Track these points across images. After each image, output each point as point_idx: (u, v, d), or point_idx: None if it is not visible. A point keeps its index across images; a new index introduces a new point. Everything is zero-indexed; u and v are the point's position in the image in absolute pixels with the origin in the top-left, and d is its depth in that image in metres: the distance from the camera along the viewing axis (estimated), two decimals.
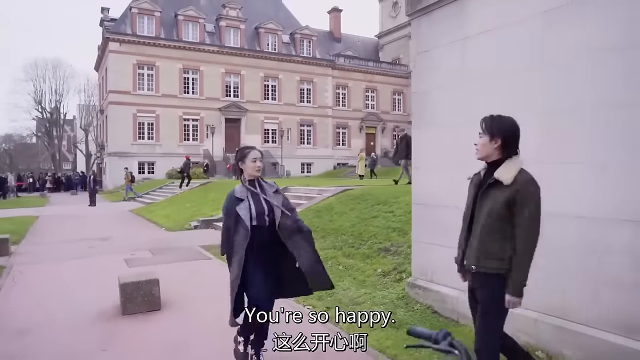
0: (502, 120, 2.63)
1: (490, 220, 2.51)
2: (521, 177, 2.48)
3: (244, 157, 3.50)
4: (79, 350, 4.05)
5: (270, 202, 3.45)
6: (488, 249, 2.53)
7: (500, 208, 2.48)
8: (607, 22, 3.28)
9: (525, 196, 2.44)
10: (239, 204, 3.40)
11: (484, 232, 2.54)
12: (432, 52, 4.78)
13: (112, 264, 7.50)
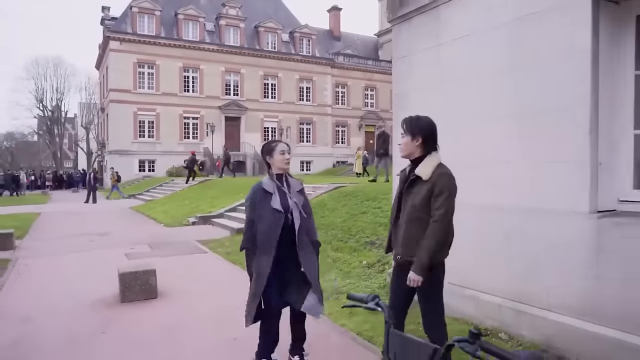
0: (421, 120, 2.94)
1: (414, 212, 2.81)
2: (437, 171, 2.79)
3: (271, 151, 3.42)
4: (80, 333, 4.39)
5: (293, 201, 3.36)
6: (410, 238, 2.81)
7: (422, 201, 2.78)
8: (564, 30, 3.60)
9: (440, 188, 2.74)
10: (270, 198, 3.31)
11: (409, 223, 2.83)
12: (410, 57, 5.10)
13: (112, 257, 7.84)
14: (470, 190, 4.42)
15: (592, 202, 3.48)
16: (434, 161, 2.84)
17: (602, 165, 3.53)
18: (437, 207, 2.73)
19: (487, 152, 4.27)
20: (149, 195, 22.93)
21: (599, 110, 3.49)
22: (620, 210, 3.55)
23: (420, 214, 2.80)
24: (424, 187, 2.79)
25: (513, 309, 4.03)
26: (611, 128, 3.54)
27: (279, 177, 3.42)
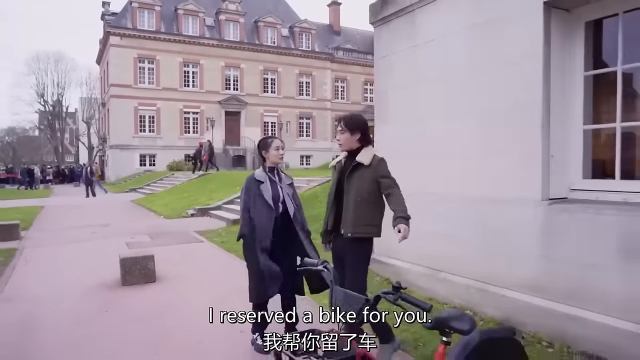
0: (359, 118, 3.39)
1: (361, 194, 3.25)
2: (375, 159, 3.29)
3: (267, 146, 3.71)
4: (85, 312, 4.81)
5: (285, 191, 3.70)
6: (360, 217, 3.25)
7: (368, 184, 3.24)
8: (518, 35, 3.97)
9: (383, 171, 3.26)
10: (260, 186, 3.63)
11: (357, 204, 3.25)
12: (390, 57, 5.47)
13: (113, 246, 8.25)
14: (442, 181, 4.83)
15: (544, 191, 3.87)
16: (371, 150, 3.34)
17: (554, 158, 3.91)
18: (390, 184, 3.23)
19: (454, 146, 4.65)
20: (150, 189, 23.35)
21: (551, 108, 3.87)
22: (571, 197, 3.95)
23: (365, 195, 3.25)
24: (367, 172, 3.25)
25: (478, 289, 4.42)
26: (563, 124, 3.92)
27: (271, 170, 3.75)
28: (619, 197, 3.62)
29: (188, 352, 3.73)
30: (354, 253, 3.31)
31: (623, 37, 3.62)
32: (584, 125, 3.89)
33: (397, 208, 3.12)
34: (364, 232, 3.26)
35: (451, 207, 4.72)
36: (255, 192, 3.63)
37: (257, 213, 3.59)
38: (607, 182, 3.79)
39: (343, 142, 3.36)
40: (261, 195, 3.60)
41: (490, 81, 4.24)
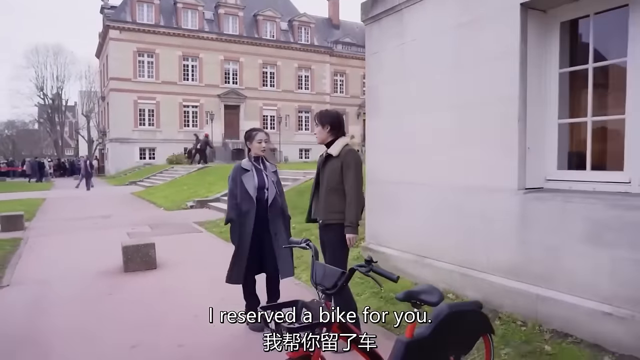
0: (329, 113, 3.69)
1: (331, 184, 3.52)
2: (344, 150, 3.53)
3: (251, 138, 4.00)
4: (90, 294, 5.09)
5: (270, 179, 4.00)
6: (330, 205, 3.51)
7: (336, 174, 3.50)
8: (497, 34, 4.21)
9: (348, 162, 3.48)
10: (245, 174, 3.93)
11: (327, 193, 3.53)
12: (380, 53, 5.71)
13: (115, 236, 8.51)
14: (428, 171, 5.08)
15: (520, 181, 4.12)
16: (342, 142, 3.59)
17: (530, 150, 4.16)
18: (350, 177, 3.47)
19: (439, 138, 4.90)
20: (149, 182, 23.61)
21: (528, 103, 4.11)
22: (547, 187, 4.20)
23: (334, 184, 3.52)
24: (336, 162, 3.53)
25: (460, 273, 4.69)
26: (539, 118, 4.17)
27: (256, 159, 4.05)
28: (589, 186, 3.87)
29: (186, 328, 4.00)
30: (329, 237, 3.59)
31: (594, 36, 3.86)
32: (559, 119, 4.14)
33: (347, 215, 3.44)
34: (334, 219, 3.52)
35: (436, 196, 4.98)
36: (241, 180, 3.91)
37: (242, 199, 3.89)
38: (578, 172, 4.04)
39: (317, 136, 3.68)
40: (247, 183, 3.89)
41: (472, 77, 4.48)
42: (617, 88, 3.82)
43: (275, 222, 3.99)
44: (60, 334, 4.00)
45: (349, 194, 3.47)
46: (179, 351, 3.57)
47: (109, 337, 3.89)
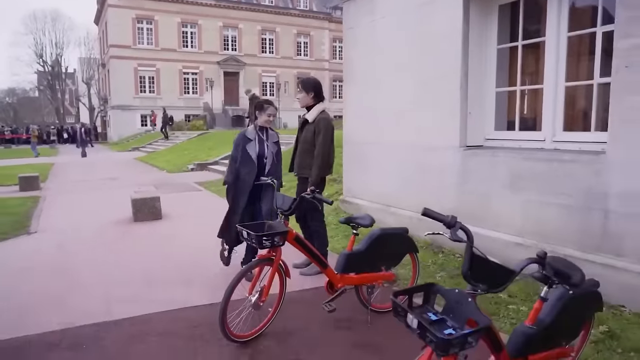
0: (311, 80, 4.44)
1: (305, 145, 4.28)
2: (320, 116, 4.26)
3: (261, 110, 4.25)
4: (107, 237, 6.04)
5: (270, 149, 4.24)
6: (303, 162, 4.30)
7: (310, 137, 4.24)
8: (446, 15, 4.95)
9: (320, 128, 4.20)
10: (248, 143, 4.16)
11: (302, 153, 4.30)
12: (355, 29, 6.44)
13: (123, 194, 9.42)
14: (392, 132, 5.91)
15: (462, 140, 4.96)
16: (319, 108, 4.31)
17: (471, 114, 4.98)
18: (319, 142, 4.19)
19: (400, 104, 5.70)
20: (151, 147, 24.43)
21: (469, 74, 4.90)
22: (486, 145, 5.04)
23: (308, 146, 4.28)
24: (311, 127, 4.27)
25: (417, 218, 5.57)
26: (479, 87, 4.96)
27: (261, 129, 4.31)
28: (517, 144, 4.71)
29: (188, 261, 4.94)
30: (302, 188, 4.30)
31: (524, 18, 4.61)
32: (496, 88, 4.94)
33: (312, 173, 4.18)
34: (305, 174, 4.30)
35: (398, 154, 5.83)
36: (244, 148, 4.22)
37: (242, 165, 4.20)
38: (510, 132, 4.88)
39: (301, 101, 4.35)
40: (247, 151, 4.20)
41: (428, 52, 5.25)
42: (540, 63, 4.60)
43: (266, 190, 4.28)
44: (86, 264, 4.94)
45: (316, 156, 4.16)
46: (182, 275, 4.52)
47: (125, 267, 4.83)
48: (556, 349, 2.32)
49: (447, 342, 1.63)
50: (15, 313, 3.68)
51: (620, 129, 3.49)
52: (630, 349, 2.98)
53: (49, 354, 3.01)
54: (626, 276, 3.47)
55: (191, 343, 3.14)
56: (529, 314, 2.22)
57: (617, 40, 3.44)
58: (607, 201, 3.60)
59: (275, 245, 3.08)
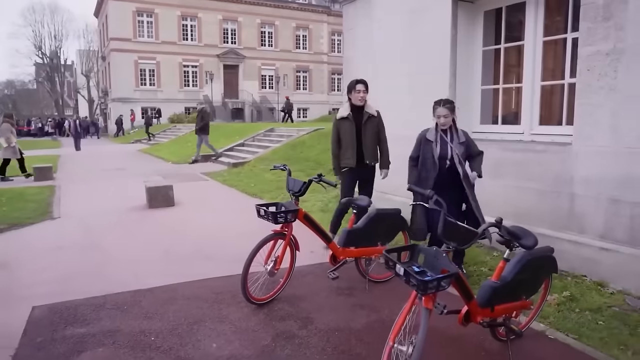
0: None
1: (373, 136, 4.95)
2: (378, 112, 4.93)
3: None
4: (127, 221, 6.60)
5: (454, 151, 4.01)
6: (375, 151, 5.02)
7: (375, 130, 4.96)
8: (435, 20, 5.48)
9: (382, 122, 5.02)
10: (430, 144, 4.10)
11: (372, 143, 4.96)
12: (354, 30, 6.96)
13: (133, 183, 9.96)
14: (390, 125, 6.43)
15: None
16: (374, 105, 5.00)
17: (459, 109, 5.50)
18: (383, 134, 5.05)
19: (397, 99, 6.23)
20: (154, 139, 24.89)
21: (457, 74, 5.43)
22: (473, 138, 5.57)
23: (376, 137, 4.99)
24: (375, 121, 4.96)
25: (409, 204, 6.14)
26: (467, 85, 5.51)
27: (444, 131, 4.10)
28: (499, 137, 5.26)
29: (203, 241, 5.50)
30: (371, 173, 5.10)
31: (506, 23, 5.15)
32: (482, 86, 5.48)
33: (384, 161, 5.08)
34: (376, 161, 5.06)
35: (395, 145, 6.36)
36: (424, 150, 4.16)
37: (422, 168, 4.21)
38: (494, 126, 5.43)
39: (362, 98, 4.86)
40: (428, 153, 4.10)
41: (420, 52, 5.78)
42: (520, 63, 5.14)
43: (470, 190, 4.07)
44: (113, 244, 5.49)
45: (384, 146, 5.05)
46: (201, 253, 5.08)
47: (148, 246, 5.39)
48: (517, 302, 2.89)
49: (425, 283, 2.19)
50: (61, 282, 4.23)
51: (582, 124, 4.04)
52: (586, 309, 3.56)
53: (98, 312, 3.57)
54: (587, 250, 4.04)
55: (216, 305, 3.71)
56: (494, 272, 2.77)
57: (581, 47, 3.99)
58: (572, 186, 4.16)
59: (288, 221, 3.64)
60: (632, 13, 3.62)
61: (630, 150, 3.72)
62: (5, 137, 11.00)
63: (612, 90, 3.78)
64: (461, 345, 3.06)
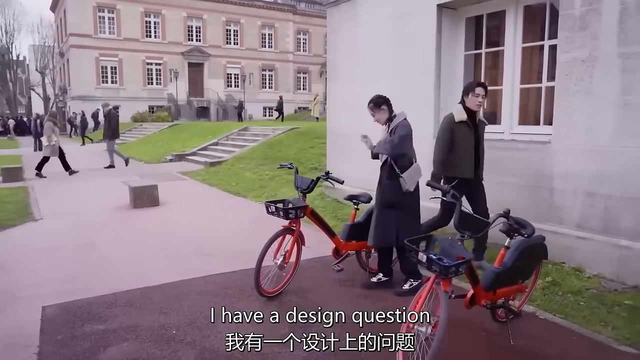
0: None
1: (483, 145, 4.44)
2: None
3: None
4: (114, 221, 6.59)
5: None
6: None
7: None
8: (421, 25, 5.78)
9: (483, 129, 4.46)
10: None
11: (483, 152, 4.42)
12: (338, 32, 7.19)
13: (111, 184, 9.83)
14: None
15: (435, 132, 5.81)
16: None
17: (443, 110, 5.84)
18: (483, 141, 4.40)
19: None
20: (120, 139, 24.22)
21: (442, 76, 5.76)
22: None
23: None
24: (483, 128, 4.44)
25: None
26: (450, 87, 5.83)
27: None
28: None
29: (199, 237, 5.60)
30: (481, 186, 4.49)
31: (487, 29, 5.50)
32: None
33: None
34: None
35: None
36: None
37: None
38: None
39: (482, 104, 4.35)
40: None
41: (406, 55, 6.07)
42: (500, 67, 5.51)
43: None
44: (107, 243, 5.51)
45: (482, 157, 4.36)
46: (200, 250, 5.19)
47: (145, 244, 5.44)
48: (515, 285, 3.20)
49: (446, 268, 2.45)
50: (65, 282, 4.26)
51: (560, 124, 4.43)
52: (568, 292, 3.93)
53: (112, 310, 3.64)
54: (566, 239, 4.43)
55: (227, 299, 3.86)
56: (496, 259, 3.09)
57: (559, 54, 4.37)
58: (552, 181, 4.55)
59: (297, 217, 3.83)
60: (606, 24, 4.02)
61: (603, 148, 4.13)
62: (47, 135, 11.47)
63: (588, 94, 4.17)
64: (464, 327, 3.34)
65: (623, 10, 3.91)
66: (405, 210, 4.01)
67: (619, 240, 4.10)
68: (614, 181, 4.09)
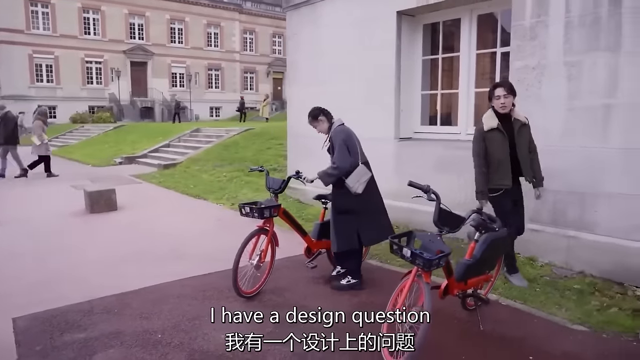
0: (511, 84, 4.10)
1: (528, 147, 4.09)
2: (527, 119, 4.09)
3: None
4: (74, 227, 6.37)
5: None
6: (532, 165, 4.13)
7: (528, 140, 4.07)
8: (382, 30, 6.03)
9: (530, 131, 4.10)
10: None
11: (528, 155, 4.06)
12: (298, 35, 7.32)
13: (61, 189, 9.42)
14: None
15: (396, 133, 6.10)
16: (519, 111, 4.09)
17: (403, 111, 6.13)
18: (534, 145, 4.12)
19: (346, 102, 6.70)
20: (60, 141, 23.05)
21: (401, 80, 6.03)
22: (414, 137, 6.22)
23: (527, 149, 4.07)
24: (527, 130, 4.07)
25: None
26: (409, 89, 6.13)
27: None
28: (439, 136, 5.95)
29: (165, 241, 5.54)
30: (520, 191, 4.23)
31: (443, 36, 5.83)
32: (422, 91, 6.14)
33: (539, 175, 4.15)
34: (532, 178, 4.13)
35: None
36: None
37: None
38: (433, 127, 6.12)
39: (507, 104, 3.91)
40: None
41: (368, 59, 6.29)
42: (456, 72, 5.86)
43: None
44: (72, 249, 5.33)
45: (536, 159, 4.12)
46: (171, 253, 5.15)
47: (111, 249, 5.32)
48: (483, 275, 3.48)
49: (430, 262, 2.66)
50: (34, 290, 4.12)
51: None
52: (525, 280, 4.29)
53: (89, 317, 3.58)
54: None
55: (206, 301, 3.89)
56: (467, 252, 3.36)
57: (512, 62, 4.74)
58: None
59: (271, 216, 3.94)
60: (552, 35, 4.42)
61: (553, 148, 4.52)
62: (37, 134, 11.19)
63: (538, 99, 4.56)
64: (437, 316, 3.56)
65: (567, 23, 4.32)
66: (361, 212, 4.14)
67: (567, 231, 4.52)
68: (561, 178, 4.50)
